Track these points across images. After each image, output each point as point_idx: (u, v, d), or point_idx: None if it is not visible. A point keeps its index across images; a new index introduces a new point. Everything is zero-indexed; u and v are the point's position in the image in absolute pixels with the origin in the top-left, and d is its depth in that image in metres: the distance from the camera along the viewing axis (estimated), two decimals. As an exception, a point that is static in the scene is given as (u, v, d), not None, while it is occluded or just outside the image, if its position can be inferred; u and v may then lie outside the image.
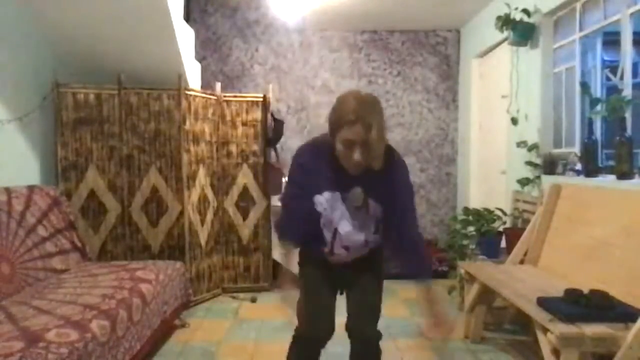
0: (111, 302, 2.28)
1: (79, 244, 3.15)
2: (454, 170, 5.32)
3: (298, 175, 1.84)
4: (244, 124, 4.02)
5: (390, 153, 1.73)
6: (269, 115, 4.09)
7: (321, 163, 1.74)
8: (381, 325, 1.83)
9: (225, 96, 4.01)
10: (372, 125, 1.56)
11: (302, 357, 1.95)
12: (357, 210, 1.76)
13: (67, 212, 3.17)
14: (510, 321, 3.16)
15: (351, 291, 1.93)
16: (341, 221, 1.77)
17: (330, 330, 1.88)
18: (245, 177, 4.03)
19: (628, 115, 2.74)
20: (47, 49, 3.46)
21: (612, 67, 3.02)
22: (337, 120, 1.63)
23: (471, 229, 3.57)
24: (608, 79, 3.15)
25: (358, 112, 1.57)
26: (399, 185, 1.77)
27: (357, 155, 1.60)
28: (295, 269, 1.88)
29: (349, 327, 1.88)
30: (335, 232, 1.79)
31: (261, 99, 4.07)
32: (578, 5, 3.25)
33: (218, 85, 4.03)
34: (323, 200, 1.76)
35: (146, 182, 3.58)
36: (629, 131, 2.70)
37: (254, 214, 4.06)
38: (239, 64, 5.14)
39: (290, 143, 5.13)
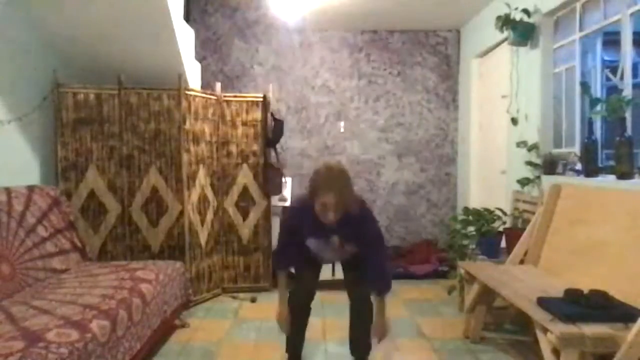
0: (111, 302, 2.28)
1: (79, 244, 3.15)
2: (454, 170, 5.33)
3: (289, 224, 2.54)
4: (244, 124, 4.03)
5: (360, 207, 2.31)
6: (269, 115, 4.09)
7: (306, 217, 2.29)
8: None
9: (225, 96, 4.01)
10: (340, 194, 2.14)
11: (295, 316, 2.52)
12: (336, 248, 2.41)
13: (67, 212, 3.17)
14: (510, 321, 3.16)
15: (344, 264, 2.58)
16: (325, 255, 2.52)
17: (310, 297, 2.53)
18: (245, 177, 4.03)
19: (628, 115, 2.74)
20: (47, 49, 3.46)
21: (612, 67, 3.02)
22: (314, 189, 2.19)
23: (471, 229, 3.57)
24: (608, 79, 3.15)
25: (328, 184, 2.15)
26: (366, 233, 2.34)
27: (331, 216, 2.17)
28: (284, 307, 2.52)
29: (348, 291, 2.51)
30: (322, 259, 2.56)
31: (261, 99, 4.07)
32: (578, 5, 3.25)
33: (218, 85, 4.03)
34: (311, 243, 2.43)
35: (146, 182, 3.58)
36: (629, 131, 2.70)
37: (254, 214, 4.06)
38: (239, 64, 5.14)
39: (290, 143, 5.14)
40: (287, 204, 4.44)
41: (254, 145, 4.04)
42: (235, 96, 4.09)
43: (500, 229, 3.53)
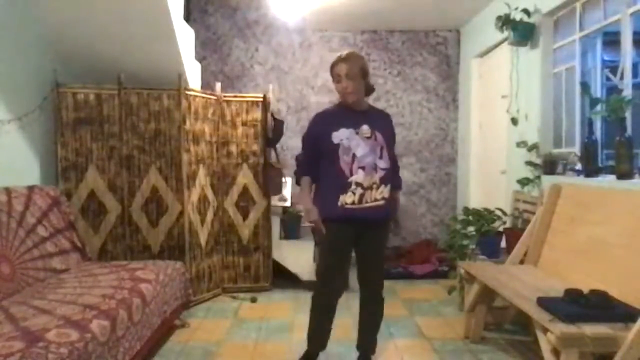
0: (111, 302, 2.28)
1: (79, 244, 3.15)
2: (454, 170, 5.33)
3: (312, 131, 2.51)
4: (244, 124, 4.02)
5: (380, 109, 2.63)
6: (269, 115, 4.09)
7: (333, 114, 2.48)
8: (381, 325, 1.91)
9: (225, 96, 4.01)
10: (350, 64, 2.36)
11: (319, 311, 2.50)
12: (368, 139, 2.42)
13: (67, 212, 3.17)
14: (510, 321, 3.16)
15: (364, 253, 2.51)
16: (358, 147, 2.39)
17: (341, 287, 2.57)
18: (245, 177, 4.03)
19: (628, 115, 2.74)
20: (47, 49, 3.46)
21: (612, 67, 3.02)
22: (331, 65, 2.43)
23: (471, 229, 3.57)
24: (608, 79, 3.15)
25: (341, 57, 2.41)
26: (389, 127, 2.54)
27: (344, 83, 2.38)
28: (310, 204, 2.47)
29: (361, 279, 2.54)
30: (354, 156, 2.39)
31: (261, 99, 4.07)
32: (578, 5, 3.26)
33: (218, 85, 4.03)
34: (341, 134, 2.39)
35: (146, 182, 3.58)
36: (629, 131, 2.70)
37: (254, 214, 4.06)
38: (239, 64, 5.14)
39: (290, 143, 5.14)
40: (288, 204, 4.44)
41: (254, 145, 4.04)
42: (235, 96, 4.09)
43: (500, 229, 3.53)
